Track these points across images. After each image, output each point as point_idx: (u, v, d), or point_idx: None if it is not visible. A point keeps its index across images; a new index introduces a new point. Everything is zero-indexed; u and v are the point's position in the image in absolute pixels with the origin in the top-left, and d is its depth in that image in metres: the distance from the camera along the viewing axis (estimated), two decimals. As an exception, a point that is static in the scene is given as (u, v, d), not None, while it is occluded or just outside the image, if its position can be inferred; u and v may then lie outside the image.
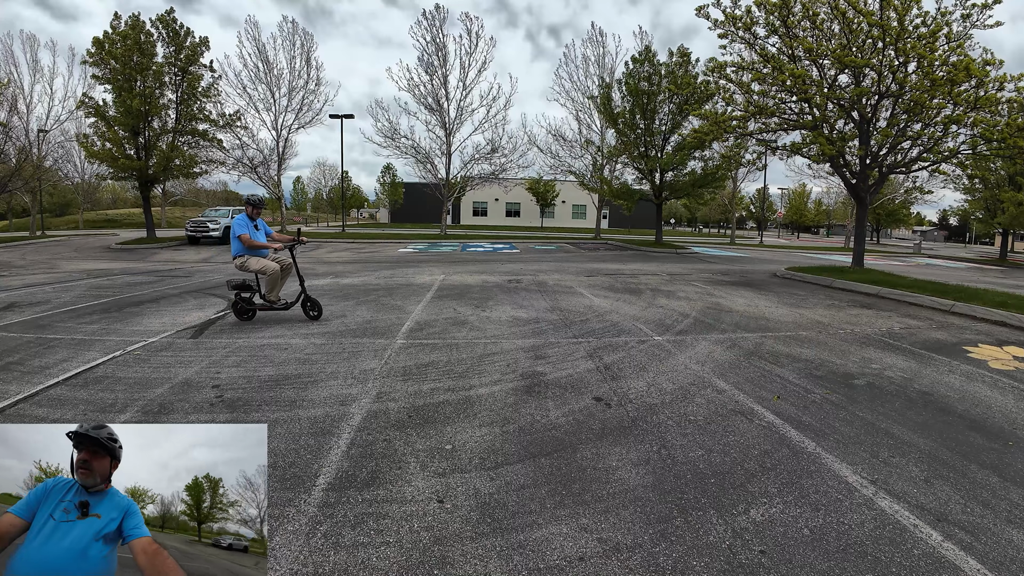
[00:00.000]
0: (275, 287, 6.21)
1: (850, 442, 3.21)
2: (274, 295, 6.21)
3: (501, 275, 11.70)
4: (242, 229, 6.06)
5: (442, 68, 28.25)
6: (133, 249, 19.33)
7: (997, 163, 22.88)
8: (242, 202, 6.61)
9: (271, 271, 6.11)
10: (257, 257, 6.18)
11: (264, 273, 6.12)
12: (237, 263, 6.18)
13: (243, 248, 6.12)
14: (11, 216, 38.48)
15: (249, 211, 6.25)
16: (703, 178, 23.56)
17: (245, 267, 6.12)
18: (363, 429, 3.23)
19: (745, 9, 11.97)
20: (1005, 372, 4.90)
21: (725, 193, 36.98)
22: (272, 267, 6.13)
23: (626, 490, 2.58)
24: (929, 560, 2.10)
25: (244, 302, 6.13)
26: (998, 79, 10.53)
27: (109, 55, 20.28)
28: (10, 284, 9.66)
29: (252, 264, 6.11)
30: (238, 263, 6.17)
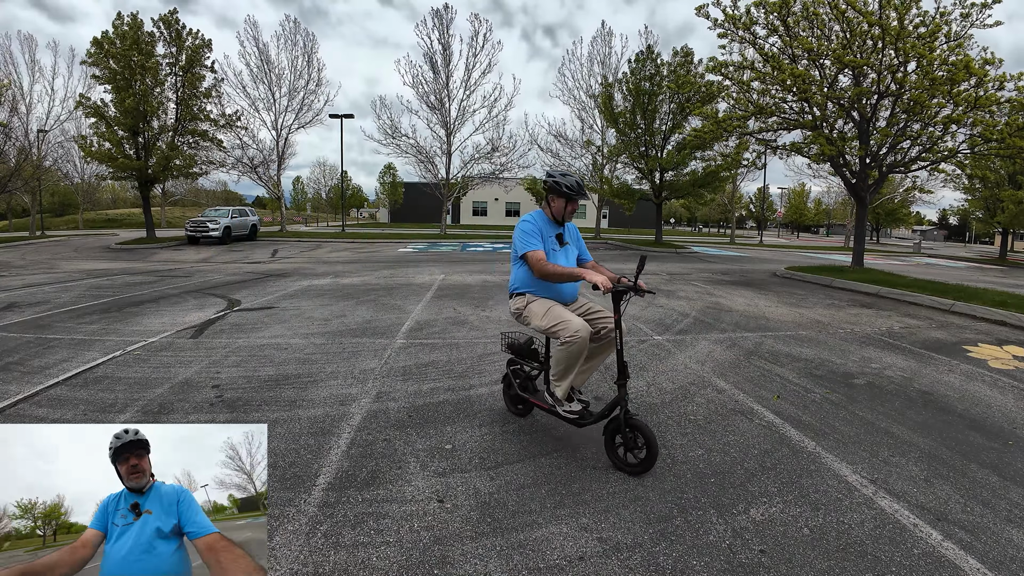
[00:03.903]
0: (574, 370, 2.92)
1: (850, 441, 3.21)
2: (566, 386, 2.94)
3: (501, 275, 11.70)
4: (533, 239, 2.98)
5: (446, 68, 28.28)
6: (133, 249, 19.32)
7: (996, 162, 22.86)
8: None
9: (577, 337, 2.77)
10: (549, 302, 3.00)
11: (560, 337, 2.83)
12: (513, 307, 3.14)
13: (530, 278, 3.05)
14: (11, 216, 38.46)
15: (554, 205, 3.07)
16: (703, 178, 23.56)
17: (525, 319, 3.06)
18: (363, 429, 3.23)
19: (745, 9, 11.97)
20: (1005, 371, 4.90)
21: (725, 193, 36.96)
22: (578, 329, 2.78)
23: (626, 489, 2.59)
24: (929, 559, 2.10)
25: (524, 378, 3.36)
26: (998, 78, 10.53)
27: (108, 55, 20.28)
28: (10, 284, 9.66)
29: (536, 317, 2.97)
30: (515, 307, 3.12)
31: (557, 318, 2.86)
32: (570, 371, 2.90)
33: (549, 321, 2.89)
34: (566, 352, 2.81)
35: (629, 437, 2.74)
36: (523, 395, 3.28)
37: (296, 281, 10.26)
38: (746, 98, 12.84)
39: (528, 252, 2.94)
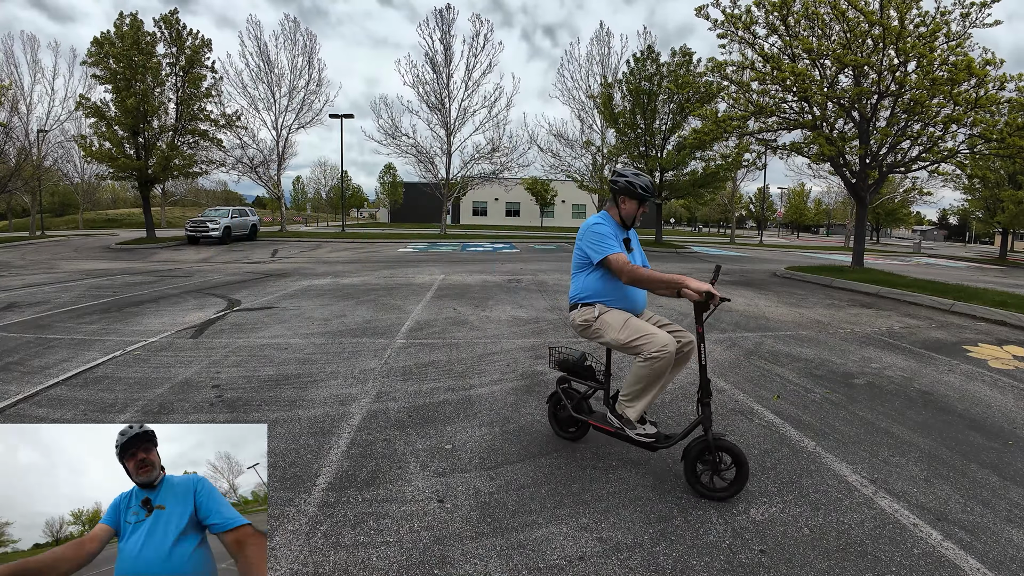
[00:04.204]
0: (655, 389, 2.64)
1: (850, 441, 3.21)
2: (642, 407, 2.64)
3: (501, 275, 11.71)
4: (612, 241, 2.69)
5: (447, 68, 28.29)
6: (133, 249, 19.32)
7: (996, 162, 22.86)
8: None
9: (666, 352, 2.52)
10: (624, 313, 2.72)
11: (644, 353, 2.56)
12: (580, 319, 2.80)
13: (602, 286, 2.76)
14: (11, 216, 38.47)
15: (626, 208, 2.80)
16: (703, 178, 23.58)
17: (596, 333, 2.74)
18: (363, 429, 3.23)
19: (745, 8, 11.97)
20: (1005, 371, 4.90)
21: (725, 193, 36.98)
22: (666, 344, 2.54)
23: (626, 489, 2.59)
24: (929, 559, 2.10)
25: (576, 397, 3.04)
26: (999, 78, 10.53)
27: (109, 54, 20.29)
28: (10, 284, 9.66)
29: (611, 330, 2.67)
30: (582, 319, 2.79)
31: (639, 331, 2.59)
32: (650, 390, 2.62)
33: (629, 334, 2.60)
34: (650, 369, 2.53)
35: (713, 460, 2.50)
36: (580, 417, 2.92)
37: (296, 281, 10.26)
38: (746, 98, 12.84)
39: (611, 256, 2.63)
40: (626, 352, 2.64)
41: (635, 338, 2.58)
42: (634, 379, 2.61)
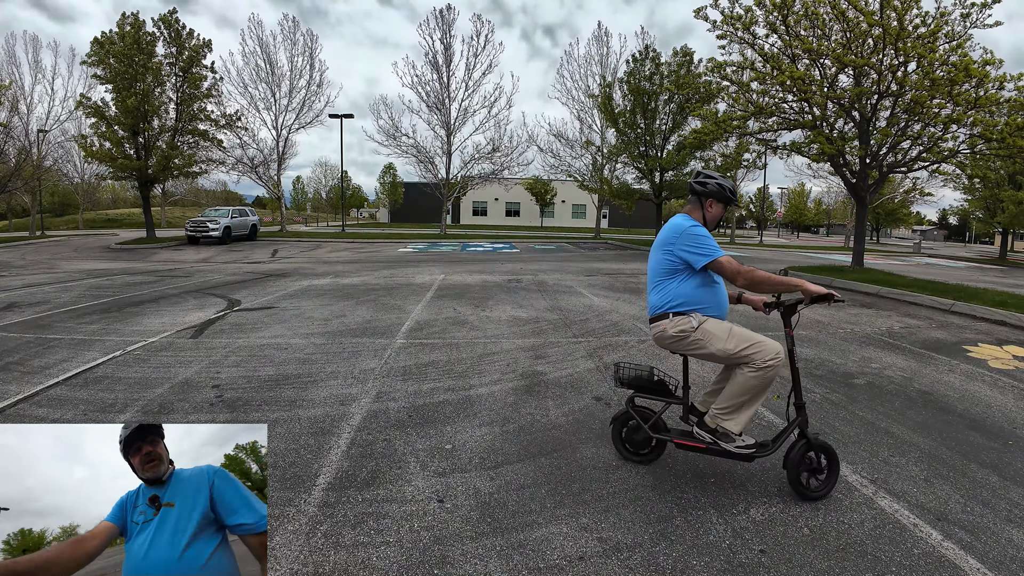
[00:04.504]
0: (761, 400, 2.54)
1: (850, 441, 3.21)
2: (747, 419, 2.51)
3: (501, 275, 11.71)
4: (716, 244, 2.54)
5: (447, 68, 28.29)
6: (133, 249, 19.32)
7: (996, 162, 22.88)
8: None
9: (779, 360, 2.45)
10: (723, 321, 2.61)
11: (755, 362, 2.44)
12: (674, 330, 2.57)
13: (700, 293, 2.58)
14: (11, 216, 38.48)
15: (713, 211, 2.70)
16: (703, 178, 23.54)
17: (695, 344, 2.55)
18: (363, 429, 3.23)
19: (744, 8, 11.97)
20: (1005, 371, 4.90)
21: (725, 193, 36.87)
22: (779, 351, 2.47)
23: (626, 489, 2.59)
24: (929, 559, 2.10)
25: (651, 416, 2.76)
26: (998, 79, 10.53)
27: (111, 54, 20.30)
28: (10, 284, 9.66)
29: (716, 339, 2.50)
30: (677, 330, 2.56)
31: (748, 339, 2.46)
32: (756, 400, 2.48)
33: (738, 343, 2.44)
34: (762, 378, 2.41)
35: (811, 460, 2.51)
36: (660, 436, 2.70)
37: (296, 281, 10.26)
38: (746, 98, 12.84)
39: (722, 258, 2.46)
40: (731, 363, 2.52)
41: (745, 347, 2.45)
42: (740, 390, 2.46)
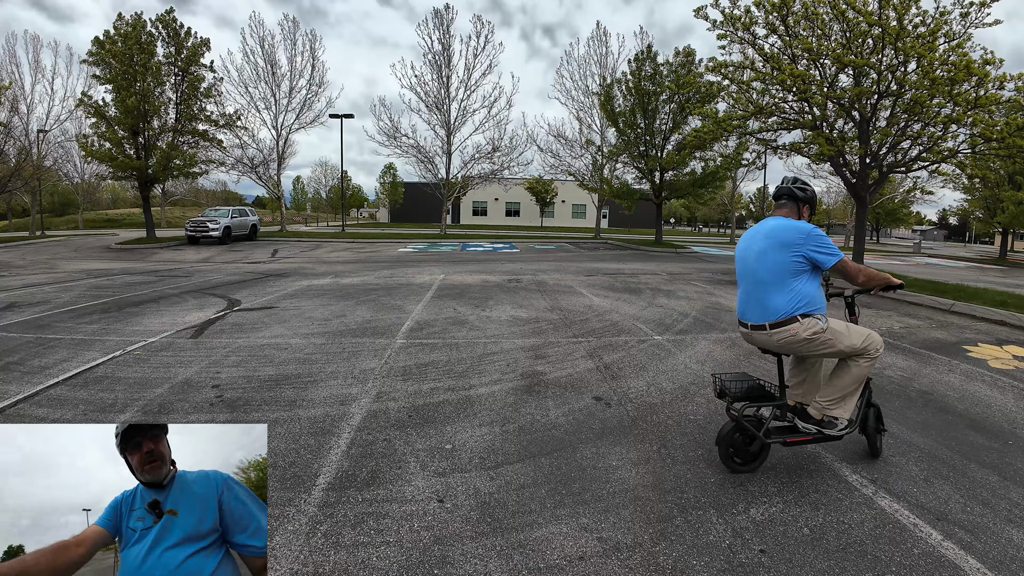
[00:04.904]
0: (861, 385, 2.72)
1: (849, 441, 3.20)
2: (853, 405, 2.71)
3: (501, 275, 11.70)
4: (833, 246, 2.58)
5: (446, 68, 28.28)
6: (133, 249, 19.32)
7: (996, 163, 22.87)
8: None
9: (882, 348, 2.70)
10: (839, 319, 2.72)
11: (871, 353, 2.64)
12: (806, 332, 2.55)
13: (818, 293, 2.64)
14: (11, 216, 38.47)
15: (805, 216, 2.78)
16: (703, 178, 23.57)
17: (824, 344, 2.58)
18: (363, 429, 3.23)
19: (744, 9, 11.96)
20: (1005, 371, 4.90)
21: (725, 193, 36.98)
22: (880, 339, 2.71)
23: (626, 489, 2.59)
24: (929, 559, 2.10)
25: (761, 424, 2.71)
26: (998, 78, 10.53)
27: (109, 54, 20.29)
28: (10, 284, 9.66)
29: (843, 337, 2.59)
30: (810, 332, 2.54)
31: (862, 332, 2.65)
32: (860, 387, 2.71)
33: (858, 337, 2.62)
34: (870, 367, 2.66)
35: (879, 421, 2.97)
36: (774, 441, 2.68)
37: (296, 281, 10.26)
38: (746, 98, 12.83)
39: (845, 258, 2.56)
40: (850, 356, 2.64)
41: (864, 339, 2.63)
42: (851, 380, 2.65)
